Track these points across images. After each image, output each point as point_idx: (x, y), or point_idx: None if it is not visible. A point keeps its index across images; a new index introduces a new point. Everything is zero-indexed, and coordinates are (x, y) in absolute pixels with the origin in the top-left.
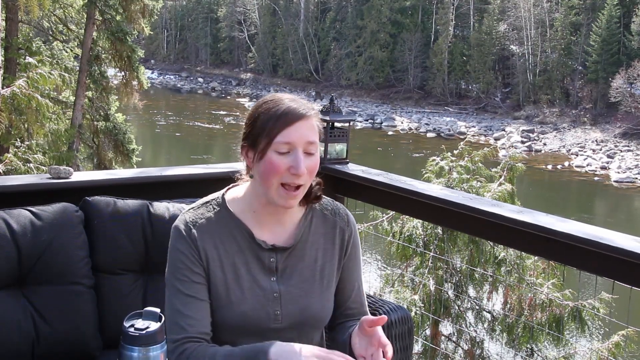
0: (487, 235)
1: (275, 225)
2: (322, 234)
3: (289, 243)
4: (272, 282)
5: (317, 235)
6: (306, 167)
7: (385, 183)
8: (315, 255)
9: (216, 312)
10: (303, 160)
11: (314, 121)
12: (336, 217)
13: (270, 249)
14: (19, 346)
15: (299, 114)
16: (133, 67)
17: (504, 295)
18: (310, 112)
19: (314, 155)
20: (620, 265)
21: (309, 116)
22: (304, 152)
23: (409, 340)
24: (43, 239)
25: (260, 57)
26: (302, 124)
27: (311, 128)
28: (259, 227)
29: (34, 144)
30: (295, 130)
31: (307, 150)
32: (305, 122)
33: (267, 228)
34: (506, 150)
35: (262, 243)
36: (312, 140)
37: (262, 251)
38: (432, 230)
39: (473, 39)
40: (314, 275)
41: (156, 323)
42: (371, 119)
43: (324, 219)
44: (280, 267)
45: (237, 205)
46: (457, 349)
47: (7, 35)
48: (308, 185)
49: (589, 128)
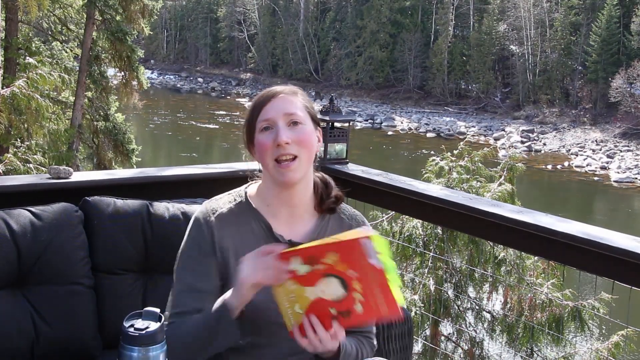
0: (487, 235)
1: (292, 220)
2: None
3: (305, 239)
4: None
5: (333, 233)
6: (291, 138)
7: (385, 183)
8: None
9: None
10: (283, 131)
11: (292, 97)
12: (352, 222)
13: (287, 244)
14: (18, 346)
15: (272, 92)
16: (133, 67)
17: (503, 295)
18: (286, 89)
19: (298, 125)
20: (620, 265)
21: (283, 93)
22: (287, 124)
23: (409, 340)
24: (43, 239)
25: (260, 57)
26: (277, 100)
27: (288, 102)
28: (276, 221)
29: (33, 144)
30: (271, 107)
31: (289, 122)
32: (279, 98)
33: (284, 223)
34: (506, 150)
35: (280, 237)
36: (291, 111)
37: (279, 245)
38: (431, 230)
39: (473, 39)
40: None
41: (156, 323)
42: (371, 119)
43: (340, 221)
44: None
45: (255, 199)
46: (457, 349)
47: (7, 35)
48: (304, 158)
49: (588, 128)
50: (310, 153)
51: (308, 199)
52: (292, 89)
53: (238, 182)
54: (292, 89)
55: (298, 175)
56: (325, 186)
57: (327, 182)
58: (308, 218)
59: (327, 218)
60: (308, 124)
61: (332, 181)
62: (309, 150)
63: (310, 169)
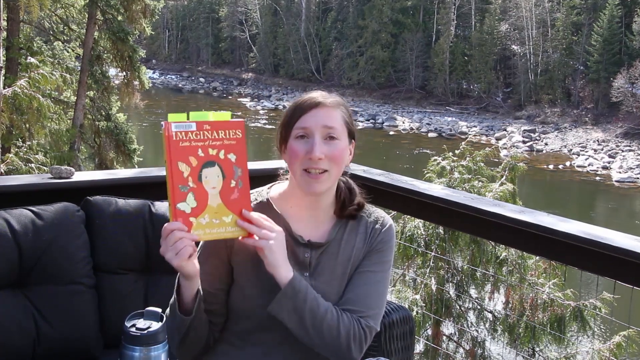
0: (488, 235)
1: (312, 220)
2: (357, 233)
3: (324, 239)
4: (305, 276)
5: (352, 234)
6: (325, 153)
7: (387, 183)
8: (350, 253)
9: (245, 301)
10: (319, 145)
11: (334, 110)
12: (370, 218)
13: (306, 244)
14: (19, 346)
15: (315, 102)
16: (134, 67)
17: (505, 295)
18: (329, 101)
19: (335, 141)
20: (622, 265)
21: (326, 104)
22: (323, 138)
23: (411, 340)
24: (44, 238)
25: (261, 57)
26: (319, 110)
27: (329, 115)
28: (296, 222)
29: (35, 144)
30: (311, 116)
31: (325, 135)
32: (321, 109)
33: (304, 223)
34: (507, 150)
35: (299, 238)
36: (330, 125)
37: (298, 246)
38: (433, 230)
39: (474, 38)
40: (346, 274)
41: (157, 323)
42: (372, 119)
43: (360, 220)
44: (314, 263)
45: (278, 199)
46: (459, 349)
47: (9, 35)
48: (334, 173)
49: (590, 128)
50: (340, 168)
51: (330, 203)
52: (336, 101)
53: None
54: (336, 101)
55: (324, 187)
56: (349, 192)
57: (351, 189)
58: (328, 220)
59: (346, 219)
60: (343, 140)
61: (357, 187)
62: (339, 166)
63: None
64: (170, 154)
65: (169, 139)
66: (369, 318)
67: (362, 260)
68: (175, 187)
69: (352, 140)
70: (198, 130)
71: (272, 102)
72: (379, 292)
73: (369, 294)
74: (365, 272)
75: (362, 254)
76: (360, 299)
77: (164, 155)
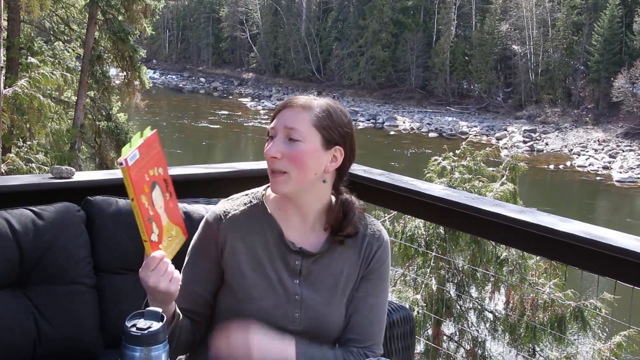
0: (489, 235)
1: (302, 227)
2: (351, 246)
3: (316, 250)
4: (295, 284)
5: (346, 247)
6: (283, 153)
7: (387, 183)
8: (342, 266)
9: (236, 306)
10: (275, 144)
11: (302, 112)
12: (367, 231)
13: (297, 252)
14: (20, 346)
15: (287, 102)
16: (135, 67)
17: (506, 295)
18: (299, 102)
19: (296, 142)
20: (622, 265)
21: (293, 105)
22: (285, 138)
23: (411, 340)
24: (45, 238)
25: (262, 57)
26: (285, 111)
27: (293, 116)
28: (288, 227)
29: (35, 143)
30: (279, 116)
31: (287, 135)
32: (288, 110)
33: (297, 230)
34: (508, 150)
35: (291, 244)
36: (290, 126)
37: (289, 252)
38: (434, 230)
39: (475, 38)
40: (337, 286)
41: (158, 323)
42: (373, 119)
43: (354, 236)
44: (305, 271)
45: (271, 203)
46: (459, 349)
47: (9, 35)
48: (294, 175)
49: (591, 128)
50: (303, 172)
51: (319, 212)
52: (306, 102)
53: (239, 182)
54: (307, 103)
55: (285, 189)
56: (343, 216)
57: (346, 213)
58: (319, 229)
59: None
60: (309, 142)
61: (356, 213)
62: (302, 170)
63: (312, 186)
64: (135, 190)
65: (132, 177)
66: (374, 346)
67: (360, 281)
68: (145, 221)
69: (335, 146)
70: (140, 156)
71: (273, 102)
72: (382, 316)
73: (374, 321)
74: (368, 298)
75: (357, 269)
76: (366, 329)
77: (129, 192)
